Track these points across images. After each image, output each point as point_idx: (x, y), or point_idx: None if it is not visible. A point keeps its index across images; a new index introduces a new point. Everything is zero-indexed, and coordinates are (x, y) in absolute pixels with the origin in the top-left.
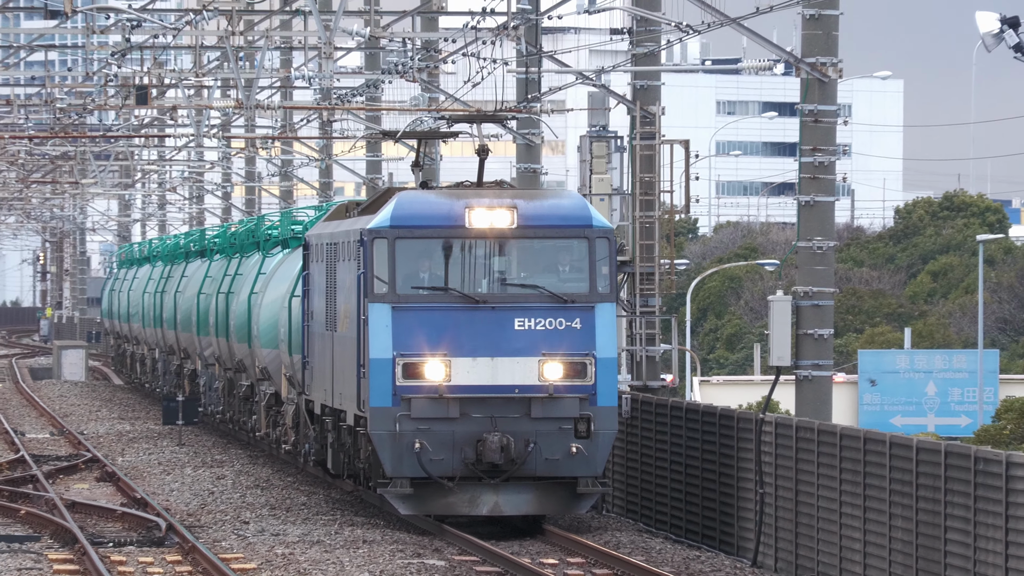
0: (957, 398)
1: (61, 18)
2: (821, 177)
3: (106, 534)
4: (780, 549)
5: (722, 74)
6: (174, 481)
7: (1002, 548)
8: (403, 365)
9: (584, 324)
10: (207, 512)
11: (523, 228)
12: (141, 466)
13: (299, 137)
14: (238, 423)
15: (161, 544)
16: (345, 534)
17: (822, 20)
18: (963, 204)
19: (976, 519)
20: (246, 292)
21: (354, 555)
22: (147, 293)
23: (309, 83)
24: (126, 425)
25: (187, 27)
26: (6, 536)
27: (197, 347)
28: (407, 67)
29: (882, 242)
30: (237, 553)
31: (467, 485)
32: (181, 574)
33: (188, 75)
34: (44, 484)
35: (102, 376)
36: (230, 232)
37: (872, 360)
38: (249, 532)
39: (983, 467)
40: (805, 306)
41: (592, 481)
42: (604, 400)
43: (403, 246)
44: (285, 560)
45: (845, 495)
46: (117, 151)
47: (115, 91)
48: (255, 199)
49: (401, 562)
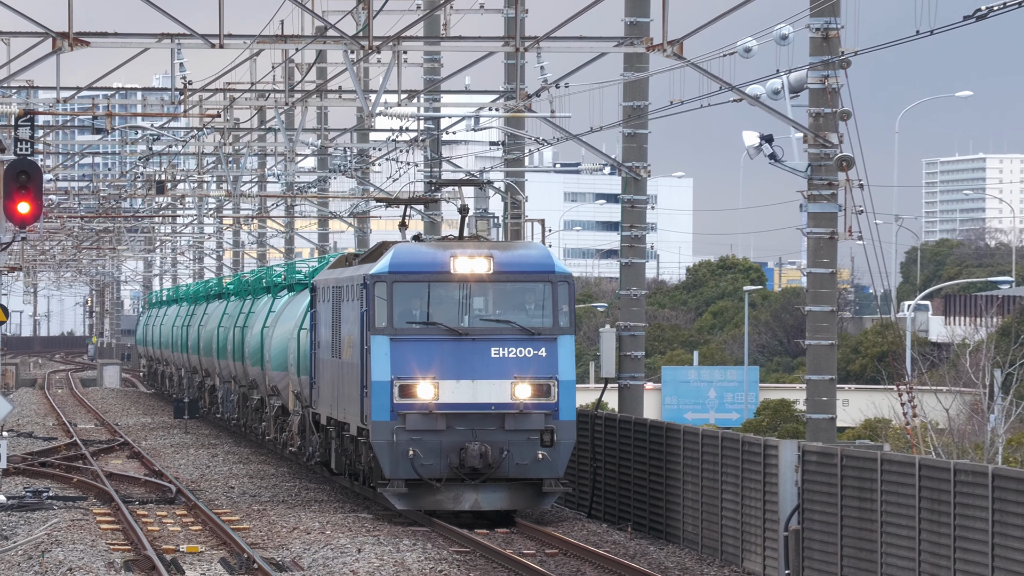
0: (730, 400)
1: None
2: (636, 246)
3: (133, 495)
4: (608, 504)
5: (567, 173)
6: (181, 458)
7: (760, 504)
8: (399, 386)
9: (548, 352)
10: (204, 480)
11: (498, 273)
12: (158, 447)
13: (271, 216)
14: (250, 428)
15: (173, 502)
16: (303, 496)
17: (636, 136)
18: (733, 264)
19: (743, 484)
20: (259, 326)
21: (308, 511)
22: (175, 327)
23: (278, 179)
24: (147, 418)
25: (192, 140)
26: (64, 496)
27: (216, 368)
28: (347, 167)
29: (678, 291)
30: (226, 509)
31: (452, 485)
32: (187, 524)
33: (192, 173)
34: (90, 460)
35: (131, 385)
36: (243, 279)
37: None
38: (234, 495)
39: (748, 448)
40: (625, 336)
41: (555, 482)
42: (565, 415)
43: (399, 288)
44: (259, 514)
45: (654, 467)
46: (142, 227)
47: (141, 184)
48: (240, 260)
49: (340, 516)
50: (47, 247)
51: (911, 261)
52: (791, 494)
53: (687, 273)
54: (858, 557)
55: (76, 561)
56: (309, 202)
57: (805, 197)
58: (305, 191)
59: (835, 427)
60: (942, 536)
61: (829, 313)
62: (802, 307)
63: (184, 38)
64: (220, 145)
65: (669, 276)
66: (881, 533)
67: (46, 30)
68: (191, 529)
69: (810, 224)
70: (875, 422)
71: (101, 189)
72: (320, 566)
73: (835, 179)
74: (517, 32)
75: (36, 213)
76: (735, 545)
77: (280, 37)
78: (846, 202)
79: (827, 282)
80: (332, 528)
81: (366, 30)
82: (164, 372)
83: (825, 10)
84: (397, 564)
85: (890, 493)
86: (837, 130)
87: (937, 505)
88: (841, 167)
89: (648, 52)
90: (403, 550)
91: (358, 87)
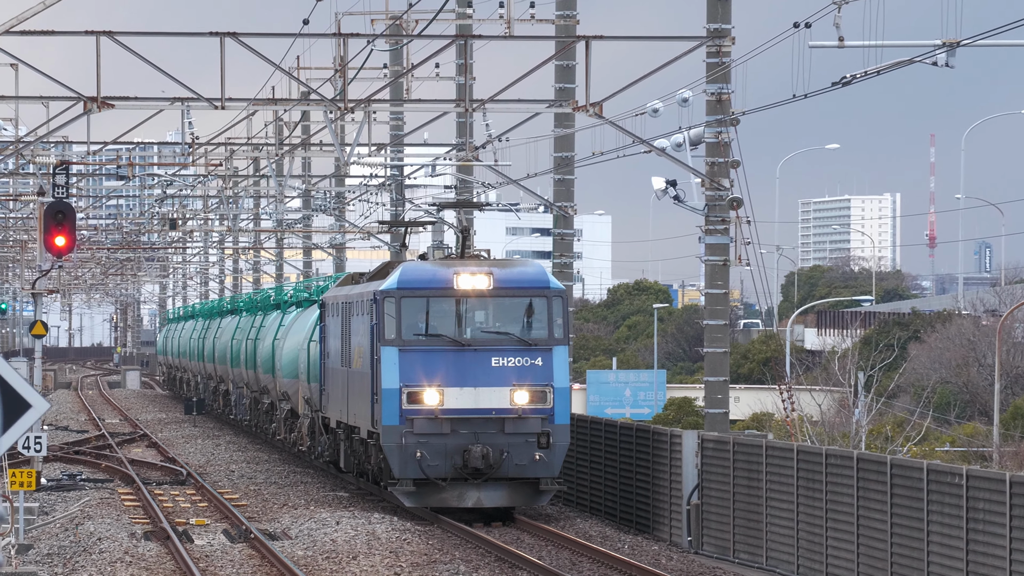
0: (642, 398)
1: (126, 180)
2: (565, 271)
3: (151, 478)
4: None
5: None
6: (191, 447)
7: (668, 482)
8: (407, 393)
9: (544, 362)
10: (210, 465)
11: (498, 289)
12: (171, 438)
13: (264, 247)
14: (260, 427)
15: (184, 484)
16: (291, 478)
17: (565, 181)
18: (646, 286)
19: (653, 466)
20: (270, 339)
21: (295, 490)
22: (192, 339)
23: (270, 216)
24: (163, 415)
25: (199, 185)
26: (94, 479)
27: (230, 374)
28: (327, 207)
29: (599, 308)
30: (227, 489)
31: (456, 484)
32: (195, 501)
33: (199, 212)
34: (115, 449)
35: (150, 387)
36: (253, 298)
37: (594, 376)
38: (234, 477)
39: (657, 437)
40: None
41: (551, 481)
42: (560, 419)
43: (407, 303)
44: (255, 493)
45: (580, 451)
46: (158, 256)
47: (157, 222)
48: (239, 284)
49: (322, 494)
50: (79, 273)
51: (789, 283)
52: (692, 475)
53: (607, 293)
54: (747, 527)
55: (104, 532)
56: (295, 235)
57: (703, 231)
58: (292, 226)
59: (728, 420)
60: (816, 509)
61: (723, 326)
62: (701, 321)
63: (192, 101)
64: (222, 189)
65: (592, 296)
66: (766, 507)
67: (78, 95)
68: (199, 506)
69: (707, 253)
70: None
71: (124, 226)
72: (305, 535)
73: (727, 216)
74: (467, 96)
75: (70, 245)
76: (647, 516)
77: (272, 100)
78: (736, 235)
79: (721, 301)
80: (315, 504)
81: (342, 94)
82: (182, 378)
83: (718, 78)
84: (369, 534)
85: (773, 474)
86: (729, 176)
87: (812, 483)
88: (732, 206)
89: (574, 112)
90: (373, 523)
91: (336, 141)
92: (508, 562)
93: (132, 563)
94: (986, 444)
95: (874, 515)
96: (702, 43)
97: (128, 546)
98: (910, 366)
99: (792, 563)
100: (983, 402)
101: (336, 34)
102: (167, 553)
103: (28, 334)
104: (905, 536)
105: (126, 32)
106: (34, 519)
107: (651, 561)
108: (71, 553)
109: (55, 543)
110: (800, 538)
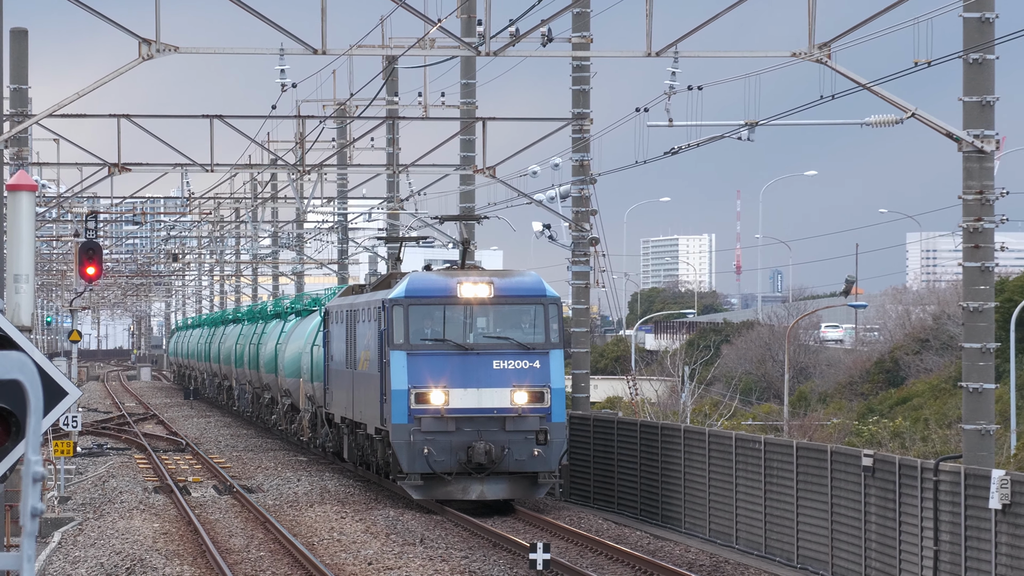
0: None
1: (140, 225)
2: None
3: (159, 447)
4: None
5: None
6: (189, 424)
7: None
8: (415, 394)
9: (542, 364)
10: (203, 437)
11: (498, 297)
12: (174, 417)
13: (243, 275)
14: (261, 418)
15: (184, 451)
16: (263, 447)
17: (468, 226)
18: None
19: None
20: (272, 343)
21: (267, 456)
22: (199, 343)
23: (247, 252)
24: (168, 400)
25: (194, 228)
26: (117, 448)
27: (233, 373)
28: (290, 244)
29: None
30: (218, 456)
31: (461, 478)
32: (192, 464)
33: (195, 249)
34: (132, 425)
35: (159, 379)
36: (254, 309)
37: None
38: (221, 446)
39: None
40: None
41: (548, 475)
42: (556, 418)
43: (414, 310)
44: (237, 458)
45: None
46: (164, 282)
47: (163, 256)
48: (224, 303)
49: (287, 458)
50: (105, 294)
51: (634, 300)
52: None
53: None
54: (602, 483)
55: (124, 487)
56: (267, 265)
57: (571, 262)
58: (264, 259)
59: (589, 402)
60: (653, 469)
61: (586, 332)
62: (570, 328)
63: (189, 166)
64: (212, 232)
65: None
66: (616, 468)
67: (104, 161)
68: (195, 467)
69: (574, 278)
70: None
71: (138, 259)
72: (275, 489)
73: (588, 251)
74: (395, 161)
75: (98, 274)
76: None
77: (249, 165)
78: (594, 265)
79: (584, 314)
80: (282, 466)
81: (301, 160)
82: (190, 375)
83: (581, 148)
84: (322, 488)
85: (622, 442)
86: (589, 221)
87: (651, 449)
88: (591, 244)
89: (474, 174)
90: (325, 479)
91: (297, 195)
92: (424, 510)
93: (145, 510)
94: (778, 419)
95: (696, 471)
96: (568, 123)
97: (142, 497)
98: (723, 362)
99: (636, 507)
100: (776, 388)
101: (297, 116)
102: (171, 503)
103: (67, 340)
104: (719, 487)
105: (140, 115)
106: (71, 477)
107: (532, 507)
108: (99, 503)
109: (87, 495)
110: (642, 489)
